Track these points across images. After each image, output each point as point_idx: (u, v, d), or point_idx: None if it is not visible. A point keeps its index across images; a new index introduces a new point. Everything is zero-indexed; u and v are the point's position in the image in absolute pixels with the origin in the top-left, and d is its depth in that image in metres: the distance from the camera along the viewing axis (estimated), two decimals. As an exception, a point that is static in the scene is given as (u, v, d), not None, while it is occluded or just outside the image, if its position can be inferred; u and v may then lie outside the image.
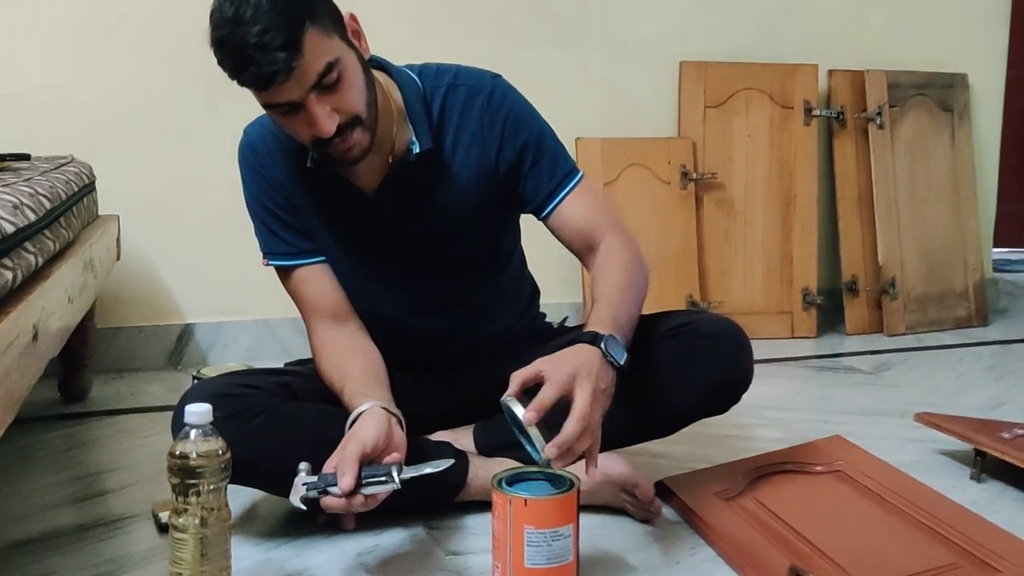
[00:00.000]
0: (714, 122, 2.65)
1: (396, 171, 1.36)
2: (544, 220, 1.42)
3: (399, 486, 1.20)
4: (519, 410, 1.13)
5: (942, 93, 2.86)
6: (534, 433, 1.13)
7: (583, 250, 1.41)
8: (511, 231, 1.53)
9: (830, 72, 2.75)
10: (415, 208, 1.39)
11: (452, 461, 1.30)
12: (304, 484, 1.19)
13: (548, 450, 1.10)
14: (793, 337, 2.68)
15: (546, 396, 1.12)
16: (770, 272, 2.69)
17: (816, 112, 2.69)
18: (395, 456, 1.23)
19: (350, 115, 1.22)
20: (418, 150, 1.34)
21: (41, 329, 1.16)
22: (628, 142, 2.57)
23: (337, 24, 1.23)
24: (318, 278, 1.42)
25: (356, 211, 1.39)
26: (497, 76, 1.41)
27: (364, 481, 1.19)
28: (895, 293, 2.73)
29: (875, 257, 2.74)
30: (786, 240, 2.70)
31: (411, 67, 1.40)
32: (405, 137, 1.35)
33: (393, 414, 1.29)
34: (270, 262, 1.44)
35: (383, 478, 1.20)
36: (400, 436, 1.27)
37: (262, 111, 1.28)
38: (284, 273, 1.44)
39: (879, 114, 2.72)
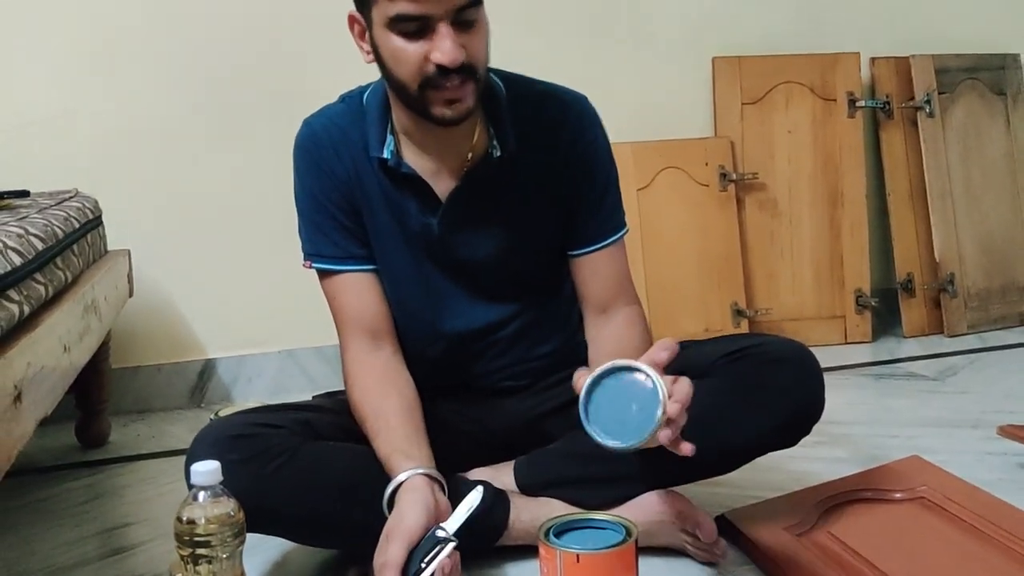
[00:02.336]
0: (752, 119, 2.54)
1: (472, 174, 1.30)
2: (574, 257, 1.38)
3: (456, 540, 1.12)
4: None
5: (993, 75, 2.72)
6: (663, 389, 1.02)
7: (594, 303, 1.38)
8: (566, 254, 1.45)
9: (873, 60, 2.63)
10: (486, 214, 1.33)
11: (482, 490, 1.21)
12: None
13: (671, 406, 1.01)
14: (847, 343, 2.55)
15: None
16: (820, 274, 2.57)
17: (860, 103, 2.57)
18: None
19: (472, 61, 1.17)
20: (499, 154, 1.29)
21: (26, 388, 1.05)
22: (662, 144, 2.47)
23: None
24: (363, 288, 1.34)
25: (424, 213, 1.32)
26: (586, 97, 1.38)
27: (423, 564, 1.09)
28: (954, 290, 2.59)
29: (931, 253, 2.61)
30: (835, 240, 2.57)
31: (494, 71, 1.33)
32: (484, 140, 1.30)
33: (435, 479, 1.20)
34: (313, 264, 1.35)
35: (438, 547, 1.10)
36: (444, 505, 1.18)
37: (271, 136, 1.19)
38: (327, 277, 1.36)
39: (927, 102, 2.59)
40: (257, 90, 2.22)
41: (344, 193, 1.32)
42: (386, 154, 1.28)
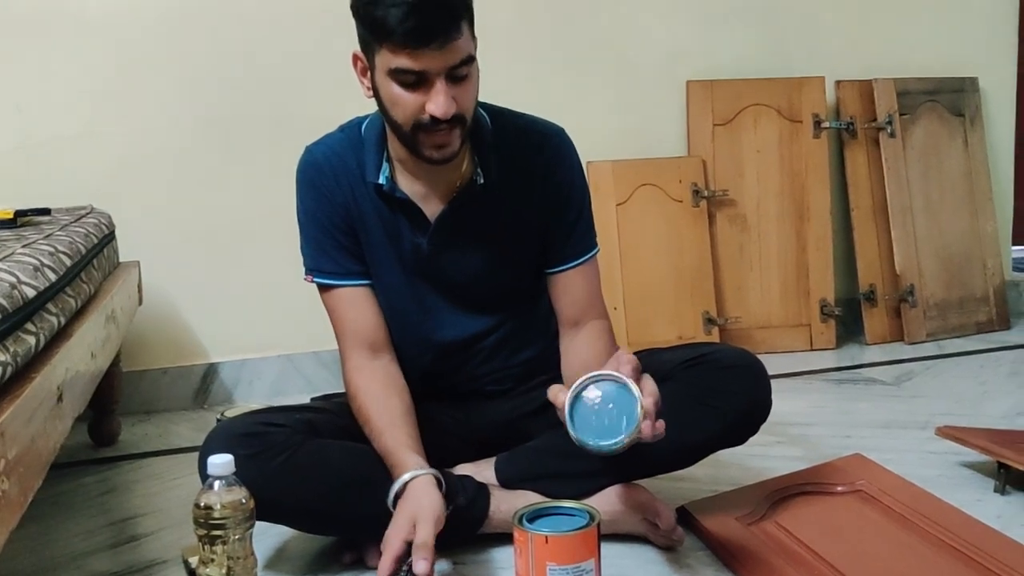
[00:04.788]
0: (723, 139, 2.67)
1: (459, 199, 1.42)
2: (550, 274, 1.49)
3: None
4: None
5: (952, 98, 2.85)
6: (635, 388, 1.14)
7: (568, 317, 1.50)
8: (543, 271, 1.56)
9: (837, 83, 2.76)
10: (471, 235, 1.44)
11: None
12: None
13: (646, 400, 1.13)
14: (812, 350, 2.68)
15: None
16: (786, 285, 2.69)
17: (825, 124, 2.69)
18: None
19: (462, 112, 1.29)
20: (482, 181, 1.40)
21: (66, 389, 1.18)
22: (639, 163, 2.59)
23: (474, 38, 1.31)
24: (360, 301, 1.45)
25: (415, 234, 1.43)
26: (563, 130, 1.49)
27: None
28: (914, 300, 2.72)
29: (892, 265, 2.74)
30: (801, 253, 2.70)
31: (481, 104, 1.44)
32: (470, 169, 1.42)
33: (437, 478, 1.32)
34: (315, 279, 1.46)
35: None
36: (429, 505, 1.28)
37: (273, 156, 1.30)
38: (326, 291, 1.47)
39: (889, 123, 2.72)
40: (259, 113, 2.33)
41: (342, 215, 1.43)
42: (381, 180, 1.40)
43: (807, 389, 2.35)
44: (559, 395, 1.18)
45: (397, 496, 1.30)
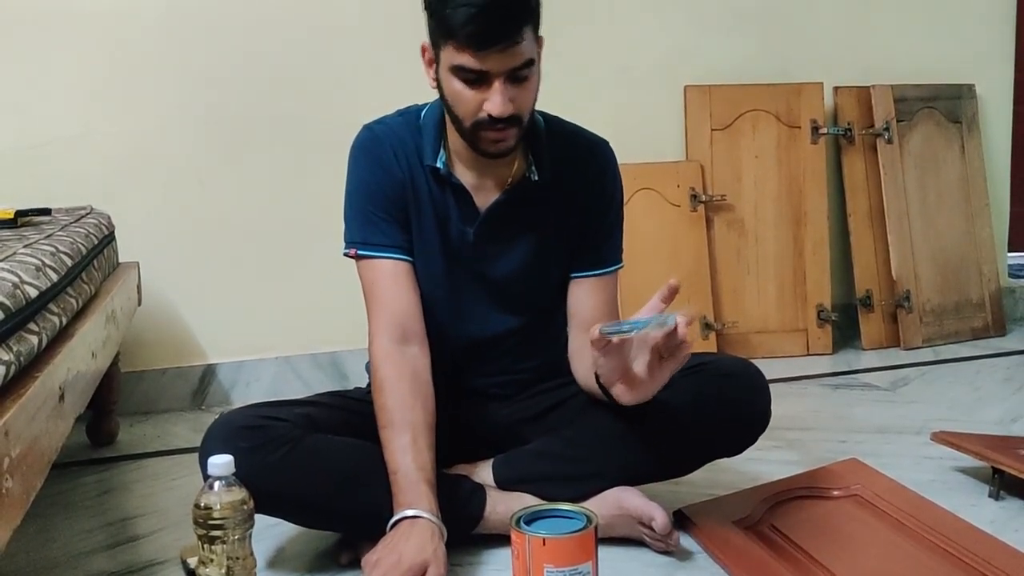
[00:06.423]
0: (721, 144, 2.68)
1: (511, 192, 1.45)
2: (574, 278, 1.52)
3: None
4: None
5: (950, 105, 2.87)
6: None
7: (582, 320, 1.50)
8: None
9: (836, 89, 2.77)
10: (516, 231, 1.48)
11: None
12: None
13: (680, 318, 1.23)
14: (809, 354, 2.69)
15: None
16: (783, 290, 2.70)
17: (823, 130, 2.70)
18: None
19: (519, 112, 1.33)
20: (536, 178, 1.44)
21: (67, 389, 1.19)
22: (637, 167, 2.58)
23: (539, 39, 1.35)
24: (402, 278, 1.44)
25: (463, 222, 1.46)
26: (608, 141, 1.54)
27: None
28: (910, 306, 2.73)
29: (888, 271, 2.75)
30: (798, 258, 2.71)
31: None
32: (522, 165, 1.46)
33: (439, 525, 1.30)
34: (359, 251, 1.45)
35: None
36: (442, 554, 1.27)
37: (270, 158, 1.31)
38: (369, 266, 1.45)
39: (887, 129, 2.73)
40: (259, 115, 2.33)
41: (398, 191, 1.45)
42: (439, 164, 1.43)
43: (804, 394, 2.35)
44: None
45: (402, 519, 1.29)
